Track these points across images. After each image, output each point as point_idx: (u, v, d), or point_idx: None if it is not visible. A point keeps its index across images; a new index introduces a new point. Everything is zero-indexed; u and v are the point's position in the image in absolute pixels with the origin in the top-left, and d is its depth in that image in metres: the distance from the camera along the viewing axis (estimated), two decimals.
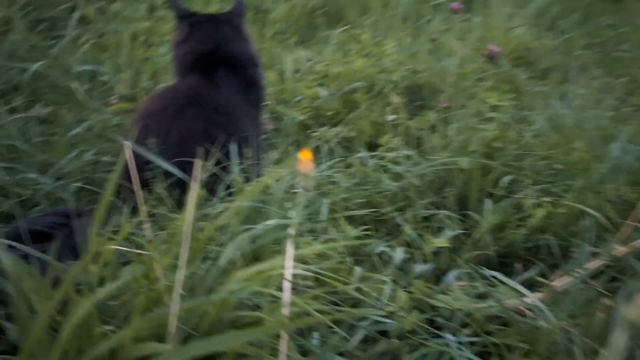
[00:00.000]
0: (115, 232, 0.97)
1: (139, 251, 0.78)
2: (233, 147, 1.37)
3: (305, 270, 0.87)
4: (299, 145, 1.96)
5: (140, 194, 0.87)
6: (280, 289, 0.83)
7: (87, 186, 1.58)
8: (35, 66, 2.11)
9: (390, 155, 1.57)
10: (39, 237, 1.21)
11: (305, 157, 0.79)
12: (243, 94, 1.59)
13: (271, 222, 1.08)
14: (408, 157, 1.56)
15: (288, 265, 0.71)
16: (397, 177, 1.54)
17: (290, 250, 0.72)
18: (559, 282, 1.10)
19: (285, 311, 0.72)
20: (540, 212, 1.31)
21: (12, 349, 0.89)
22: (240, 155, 1.38)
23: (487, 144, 1.55)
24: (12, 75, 2.14)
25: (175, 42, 1.63)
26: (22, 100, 2.04)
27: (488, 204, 1.39)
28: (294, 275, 0.92)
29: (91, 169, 1.64)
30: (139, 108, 1.61)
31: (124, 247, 0.83)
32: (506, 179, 1.45)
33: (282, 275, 0.78)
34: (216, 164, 1.35)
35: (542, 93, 2.40)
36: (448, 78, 2.08)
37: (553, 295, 1.07)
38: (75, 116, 2.01)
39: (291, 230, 0.76)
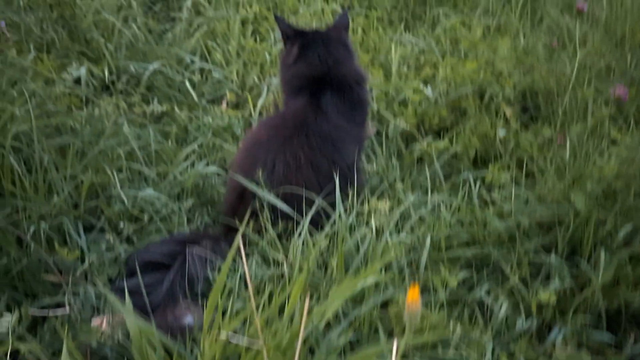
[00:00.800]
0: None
1: (250, 340, 0.82)
2: (337, 181, 1.37)
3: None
4: (400, 156, 1.93)
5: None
6: None
7: (199, 198, 1.66)
8: (153, 65, 2.21)
9: (498, 194, 1.51)
10: (156, 267, 1.31)
11: (412, 296, 0.78)
12: (349, 116, 1.58)
13: (370, 281, 1.09)
14: (518, 195, 1.48)
15: None
16: (504, 213, 1.48)
17: None
18: None
19: None
20: None
21: None
22: (345, 189, 1.38)
23: (606, 182, 1.44)
24: (132, 73, 2.25)
25: (284, 63, 1.62)
26: (139, 97, 2.16)
27: (603, 255, 1.31)
28: None
29: (201, 178, 1.71)
30: (247, 134, 1.64)
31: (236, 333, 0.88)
32: (626, 229, 1.35)
33: None
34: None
35: None
36: (566, 89, 1.94)
37: None
38: (187, 115, 2.10)
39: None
